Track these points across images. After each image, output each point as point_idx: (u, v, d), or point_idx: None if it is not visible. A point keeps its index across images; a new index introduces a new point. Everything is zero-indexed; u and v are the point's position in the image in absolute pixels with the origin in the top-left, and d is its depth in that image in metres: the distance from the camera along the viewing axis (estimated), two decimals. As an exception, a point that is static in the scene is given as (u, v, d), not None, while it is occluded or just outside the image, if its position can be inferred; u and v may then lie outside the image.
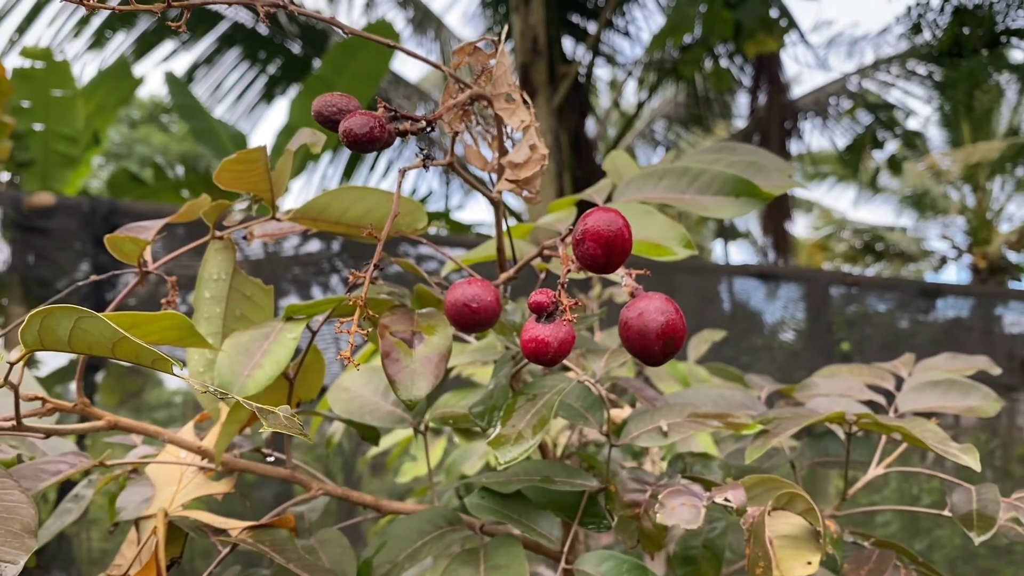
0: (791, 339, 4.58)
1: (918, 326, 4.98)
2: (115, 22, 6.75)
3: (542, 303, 0.52)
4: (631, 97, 13.22)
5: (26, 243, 3.00)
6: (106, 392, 3.83)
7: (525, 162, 0.62)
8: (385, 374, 0.61)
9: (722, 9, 6.53)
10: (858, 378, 0.95)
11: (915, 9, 9.43)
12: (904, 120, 9.42)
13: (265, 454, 0.80)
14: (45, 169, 5.35)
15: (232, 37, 7.27)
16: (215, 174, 0.63)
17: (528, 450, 0.61)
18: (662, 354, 0.55)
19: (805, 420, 0.75)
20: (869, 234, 16.80)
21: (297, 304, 0.68)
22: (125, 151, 13.60)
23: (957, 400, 0.90)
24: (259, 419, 0.75)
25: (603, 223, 0.51)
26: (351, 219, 0.71)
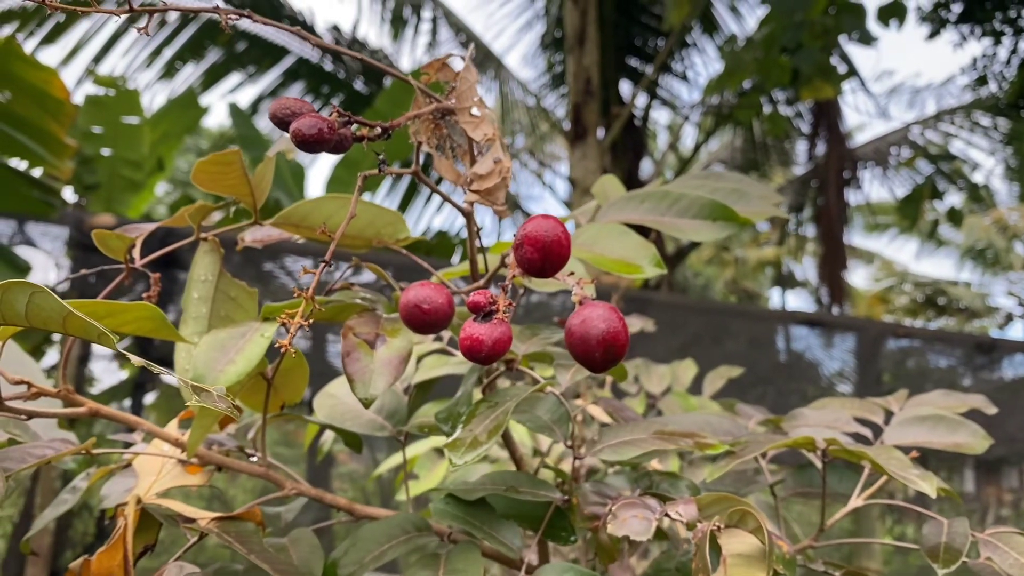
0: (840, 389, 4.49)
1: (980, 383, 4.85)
2: (185, 53, 7.01)
3: (479, 303, 0.54)
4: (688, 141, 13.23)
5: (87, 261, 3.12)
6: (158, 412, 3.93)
7: (488, 174, 0.64)
8: (344, 373, 0.64)
9: (779, 55, 6.53)
10: (847, 411, 0.94)
11: (981, 61, 9.31)
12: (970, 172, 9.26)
13: (249, 453, 0.82)
14: (110, 192, 5.55)
15: (297, 72, 7.49)
16: (192, 174, 0.67)
17: (481, 453, 0.63)
18: (602, 361, 0.56)
19: (769, 443, 0.76)
20: (931, 287, 16.45)
21: (273, 304, 0.70)
22: (192, 179, 13.96)
23: (944, 436, 0.89)
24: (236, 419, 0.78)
25: (541, 229, 0.53)
26: (333, 227, 0.74)
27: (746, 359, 4.14)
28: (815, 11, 6.52)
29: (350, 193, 0.75)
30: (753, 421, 0.98)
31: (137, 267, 0.72)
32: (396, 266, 3.53)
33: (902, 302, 17.00)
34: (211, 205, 0.72)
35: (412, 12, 8.25)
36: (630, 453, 0.73)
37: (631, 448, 0.73)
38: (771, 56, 6.68)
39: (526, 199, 9.65)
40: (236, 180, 0.68)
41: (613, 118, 6.76)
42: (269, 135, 7.27)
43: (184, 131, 6.25)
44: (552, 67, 8.89)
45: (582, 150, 5.44)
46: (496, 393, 0.71)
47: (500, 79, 8.84)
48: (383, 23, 8.17)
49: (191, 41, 7.00)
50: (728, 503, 0.68)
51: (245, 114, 6.20)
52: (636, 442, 0.74)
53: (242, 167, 0.66)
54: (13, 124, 3.75)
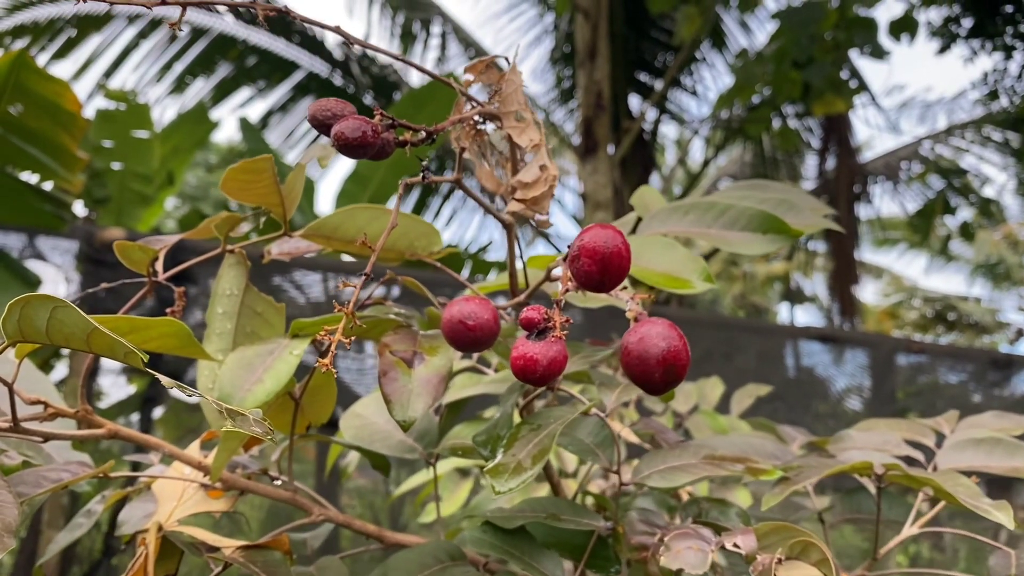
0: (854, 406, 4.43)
1: (992, 400, 4.80)
2: (196, 68, 7.02)
3: (533, 319, 0.50)
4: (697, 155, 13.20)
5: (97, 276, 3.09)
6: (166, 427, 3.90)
7: (534, 182, 0.61)
8: (381, 393, 0.60)
9: (790, 70, 6.50)
10: (896, 432, 0.90)
11: (992, 75, 9.28)
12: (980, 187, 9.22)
13: (273, 476, 0.78)
14: (120, 206, 5.53)
15: (307, 86, 7.48)
16: (221, 182, 0.64)
17: (526, 480, 0.59)
18: (662, 382, 0.52)
19: (827, 469, 0.71)
20: (941, 303, 16.36)
21: (303, 320, 0.67)
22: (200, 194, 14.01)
23: (1003, 460, 0.85)
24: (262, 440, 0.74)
25: (600, 240, 0.49)
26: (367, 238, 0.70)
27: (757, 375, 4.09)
28: (826, 25, 6.49)
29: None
30: (796, 443, 0.94)
31: (160, 281, 0.68)
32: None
33: (911, 317, 16.91)
34: (239, 216, 0.68)
35: (421, 27, 8.26)
36: (680, 479, 0.69)
37: (681, 474, 0.69)
38: (782, 70, 6.66)
39: (535, 214, 9.54)
40: (266, 189, 0.64)
41: (623, 133, 6.74)
42: (279, 149, 7.26)
43: (194, 145, 6.24)
44: (561, 82, 8.88)
45: (593, 164, 5.41)
46: (538, 415, 0.67)
47: (509, 94, 8.81)
48: (392, 38, 8.18)
49: (201, 55, 7.00)
50: (787, 533, 0.63)
51: (255, 128, 6.19)
52: (686, 467, 0.70)
53: (274, 175, 0.63)
54: (25, 137, 3.73)
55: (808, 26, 6.61)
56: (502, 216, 0.65)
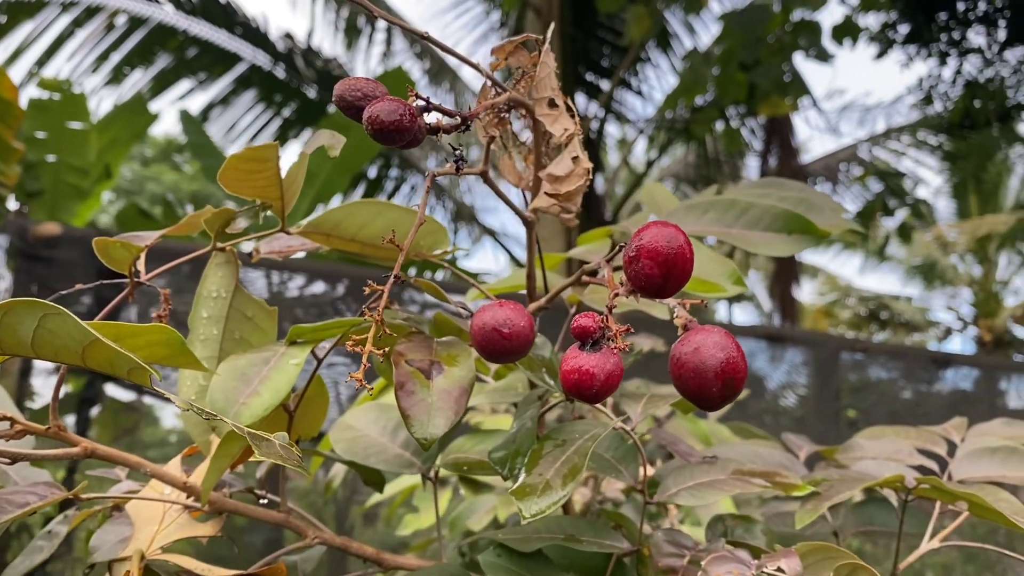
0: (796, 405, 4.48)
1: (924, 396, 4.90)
2: (134, 58, 6.80)
3: (588, 328, 0.44)
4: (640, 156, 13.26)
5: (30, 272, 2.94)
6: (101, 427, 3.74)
7: (567, 175, 0.55)
8: (398, 407, 0.54)
9: (737, 71, 6.56)
10: (906, 441, 0.87)
11: (927, 80, 9.51)
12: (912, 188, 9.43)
13: (258, 496, 0.72)
14: (54, 200, 5.32)
15: (249, 79, 7.30)
16: (219, 173, 0.57)
17: (558, 503, 0.54)
18: (720, 396, 0.48)
19: (861, 483, 0.67)
20: (874, 302, 16.74)
21: (302, 326, 0.60)
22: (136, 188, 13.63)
23: (1018, 469, 0.82)
24: (252, 455, 0.68)
25: (662, 239, 0.44)
26: (368, 236, 0.64)
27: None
28: (772, 27, 6.56)
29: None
30: (804, 452, 0.90)
31: (144, 282, 0.61)
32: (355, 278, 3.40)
33: (846, 316, 17.28)
34: (232, 211, 0.61)
35: (366, 22, 8.13)
36: (710, 496, 0.64)
37: (710, 490, 0.65)
38: (728, 72, 6.72)
39: (481, 211, 9.56)
40: (268, 181, 0.58)
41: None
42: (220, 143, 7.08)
43: (133, 138, 6.04)
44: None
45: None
46: (560, 430, 0.61)
47: (455, 91, 8.75)
48: (337, 32, 8.04)
49: (139, 46, 6.79)
50: (827, 553, 0.59)
51: (196, 121, 6.01)
52: (715, 484, 0.65)
53: (277, 165, 0.57)
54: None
55: (754, 28, 6.67)
56: (524, 213, 0.59)
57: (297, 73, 7.40)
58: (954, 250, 15.54)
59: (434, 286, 0.60)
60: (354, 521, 3.46)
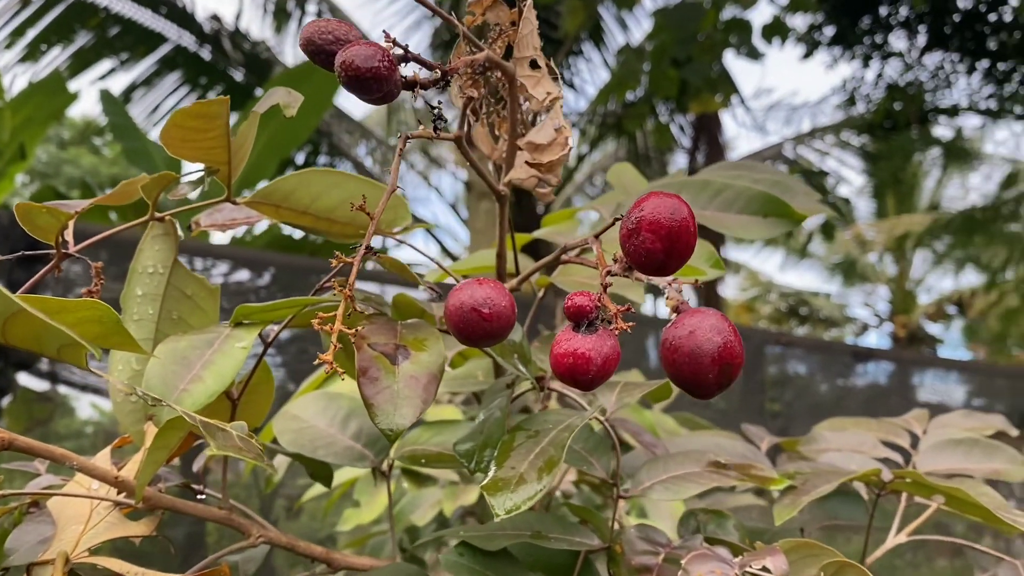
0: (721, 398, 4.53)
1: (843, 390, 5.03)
2: (51, 35, 6.51)
3: (583, 308, 0.40)
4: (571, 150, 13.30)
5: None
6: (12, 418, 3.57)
7: (549, 144, 0.51)
8: (361, 396, 0.49)
9: (669, 68, 6.60)
10: (870, 433, 0.86)
11: (850, 82, 9.77)
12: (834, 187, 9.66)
13: (195, 490, 0.66)
14: (-38, 180, 5.06)
15: (173, 60, 7.07)
16: (162, 132, 0.51)
17: (534, 497, 0.50)
18: (717, 383, 0.44)
19: (838, 477, 0.65)
20: (794, 298, 17.15)
21: (250, 305, 0.55)
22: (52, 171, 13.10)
23: (981, 462, 0.81)
24: (191, 446, 0.62)
25: (665, 210, 0.40)
26: (322, 209, 0.59)
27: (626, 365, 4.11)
28: (704, 25, 6.63)
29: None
30: (765, 444, 0.88)
31: (73, 253, 0.55)
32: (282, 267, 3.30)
33: (767, 311, 17.66)
34: (173, 175, 0.55)
35: (296, 5, 7.95)
36: (687, 490, 0.61)
37: (687, 484, 0.61)
38: (661, 68, 6.76)
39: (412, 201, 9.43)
40: (215, 142, 0.52)
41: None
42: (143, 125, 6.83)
43: (49, 117, 5.78)
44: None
45: (478, 153, 5.32)
46: (531, 420, 0.57)
47: (387, 79, 8.60)
48: (265, 15, 7.84)
49: (57, 22, 6.50)
50: (811, 551, 0.56)
51: (118, 101, 5.78)
52: (690, 476, 0.62)
53: (227, 123, 0.51)
54: None
55: (687, 25, 6.72)
56: (497, 186, 0.55)
57: (224, 55, 7.20)
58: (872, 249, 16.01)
59: (399, 263, 0.55)
60: (278, 515, 3.36)
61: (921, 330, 16.14)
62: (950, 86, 9.50)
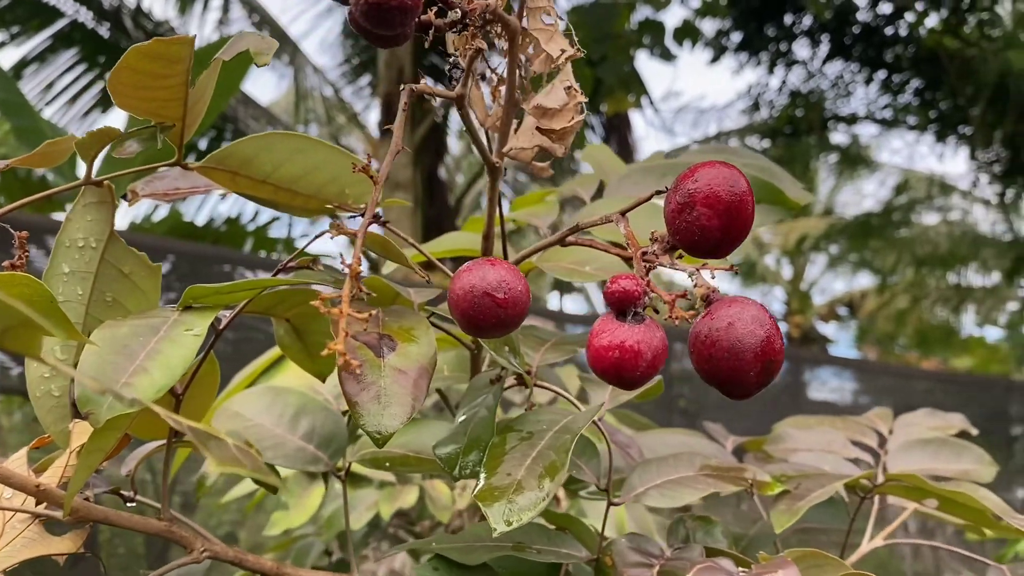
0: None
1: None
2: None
3: (631, 293, 0.35)
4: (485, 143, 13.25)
5: None
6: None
7: (561, 108, 0.45)
8: (343, 393, 0.42)
9: (583, 67, 6.62)
10: (839, 432, 0.83)
11: (755, 88, 10.04)
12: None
13: (126, 498, 0.58)
14: None
15: (70, 36, 6.71)
16: (112, 75, 0.43)
17: (539, 507, 0.44)
18: (757, 382, 0.39)
19: (833, 480, 0.61)
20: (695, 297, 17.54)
21: (202, 286, 0.47)
22: (-71, 149, 12.31)
23: (950, 462, 0.79)
24: (125, 447, 0.54)
25: (723, 183, 0.35)
26: (283, 178, 0.52)
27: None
28: (620, 25, 6.68)
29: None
30: (730, 443, 0.85)
31: (-8, 220, 0.46)
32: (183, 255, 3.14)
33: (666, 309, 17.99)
34: (115, 130, 0.47)
35: (202, -15, 7.66)
36: (684, 497, 0.56)
37: (682, 489, 0.56)
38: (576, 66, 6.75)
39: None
40: (172, 92, 0.44)
41: (425, 113, 6.59)
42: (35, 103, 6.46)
43: (-71, 91, 5.39)
44: (351, 57, 8.58)
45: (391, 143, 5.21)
46: (521, 420, 0.51)
47: (296, 66, 8.40)
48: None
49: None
50: (816, 560, 0.52)
51: (7, 76, 5.43)
52: (685, 481, 0.57)
53: (189, 70, 0.43)
54: None
55: (602, 24, 6.76)
56: (491, 158, 0.49)
57: (125, 34, 6.87)
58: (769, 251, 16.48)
59: (384, 239, 0.49)
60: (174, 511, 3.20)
61: (814, 330, 16.73)
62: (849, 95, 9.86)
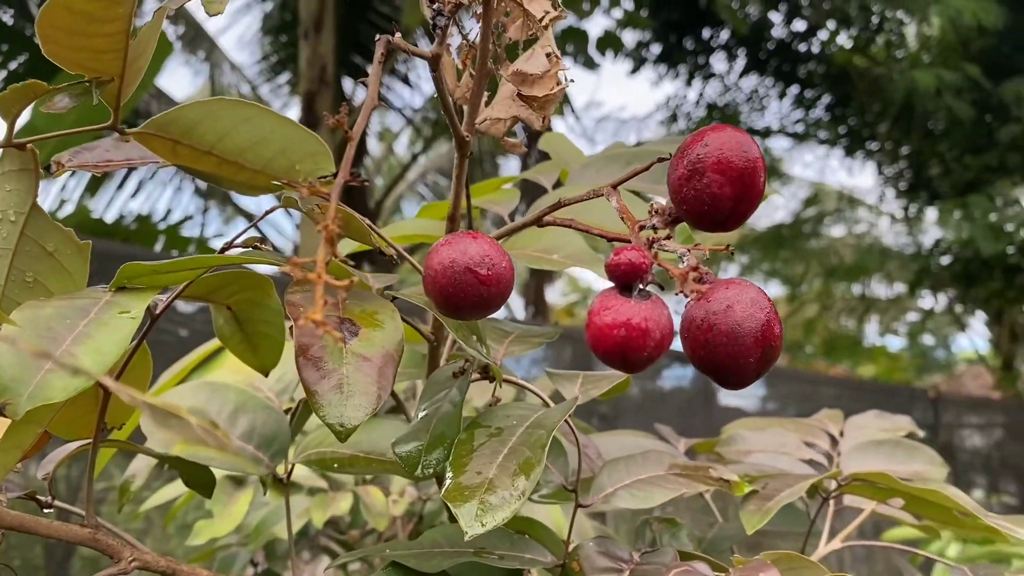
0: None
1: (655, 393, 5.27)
2: None
3: (640, 266, 0.31)
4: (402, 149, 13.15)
5: None
6: None
7: (543, 75, 0.42)
8: (301, 382, 0.38)
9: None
10: (794, 433, 0.81)
11: (673, 100, 10.24)
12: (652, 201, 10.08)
13: (41, 502, 0.52)
14: None
15: (-33, 21, 6.39)
16: (41, 14, 0.38)
17: (512, 506, 0.40)
18: (756, 369, 0.37)
19: (801, 480, 0.59)
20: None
21: (139, 264, 0.42)
22: None
23: (903, 464, 0.79)
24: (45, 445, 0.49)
25: (735, 147, 0.32)
26: (229, 150, 0.47)
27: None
28: (544, 31, 6.66)
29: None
30: (681, 444, 0.82)
31: None
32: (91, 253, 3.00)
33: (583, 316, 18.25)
34: (42, 84, 0.41)
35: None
36: (656, 496, 0.53)
37: (653, 489, 0.53)
38: (501, 71, 6.75)
39: (229, 191, 9.03)
40: (112, 42, 0.38)
41: (346, 113, 6.49)
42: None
43: None
44: (270, 55, 8.42)
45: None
46: (490, 416, 0.48)
47: (212, 61, 8.18)
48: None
49: None
50: (791, 563, 0.50)
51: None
52: (655, 481, 0.54)
53: (132, 15, 0.38)
54: None
55: (527, 30, 6.74)
56: (461, 130, 0.45)
57: (31, 22, 6.58)
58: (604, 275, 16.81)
59: (348, 214, 0.44)
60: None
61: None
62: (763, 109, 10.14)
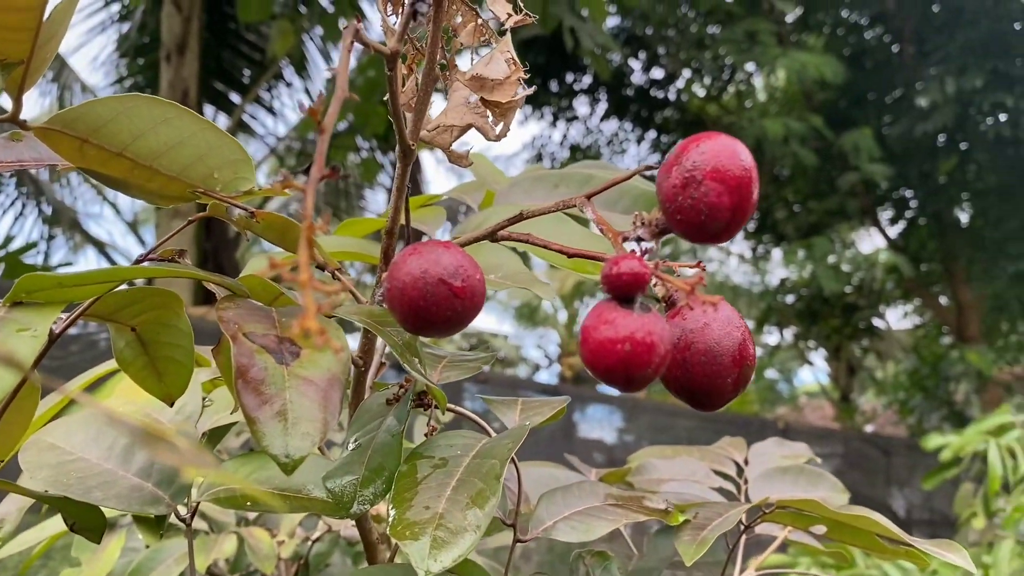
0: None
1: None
2: None
3: (643, 277, 0.29)
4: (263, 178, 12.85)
5: None
6: None
7: (504, 80, 0.39)
8: (240, 407, 0.34)
9: (378, 105, 6.59)
10: (701, 461, 0.81)
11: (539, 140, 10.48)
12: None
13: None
14: None
15: None
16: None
17: (471, 542, 0.37)
18: (733, 390, 0.35)
19: (733, 509, 0.58)
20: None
21: (40, 275, 0.37)
22: None
23: (808, 490, 0.80)
24: None
25: (731, 155, 0.30)
26: (143, 152, 0.42)
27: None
28: (415, 65, 6.70)
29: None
30: (593, 474, 0.81)
31: None
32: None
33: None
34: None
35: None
36: (596, 529, 0.50)
37: (593, 521, 0.51)
38: (370, 103, 6.74)
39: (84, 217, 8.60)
40: (23, 19, 0.33)
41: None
42: None
43: None
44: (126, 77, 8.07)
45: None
46: (429, 445, 0.44)
47: (61, 82, 7.78)
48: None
49: None
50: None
51: None
52: (593, 512, 0.52)
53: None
54: None
55: (397, 63, 6.76)
56: (407, 139, 0.42)
57: None
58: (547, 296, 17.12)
59: (287, 222, 0.40)
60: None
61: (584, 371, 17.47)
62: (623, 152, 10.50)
